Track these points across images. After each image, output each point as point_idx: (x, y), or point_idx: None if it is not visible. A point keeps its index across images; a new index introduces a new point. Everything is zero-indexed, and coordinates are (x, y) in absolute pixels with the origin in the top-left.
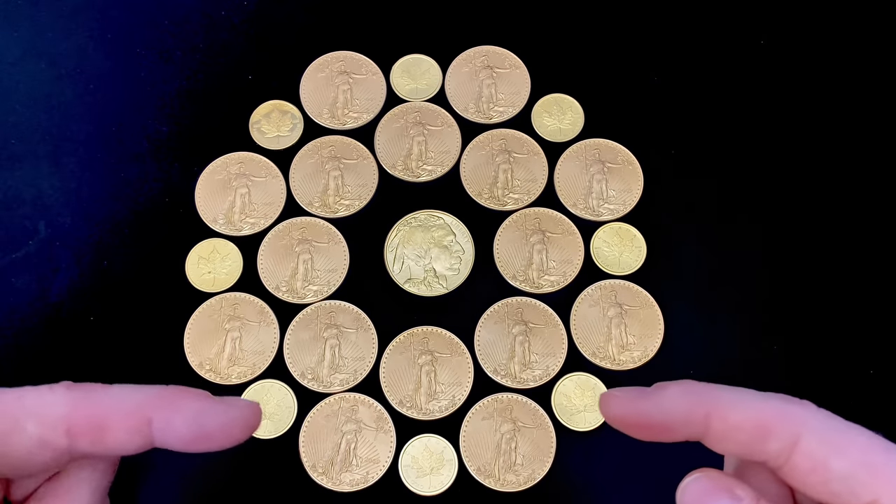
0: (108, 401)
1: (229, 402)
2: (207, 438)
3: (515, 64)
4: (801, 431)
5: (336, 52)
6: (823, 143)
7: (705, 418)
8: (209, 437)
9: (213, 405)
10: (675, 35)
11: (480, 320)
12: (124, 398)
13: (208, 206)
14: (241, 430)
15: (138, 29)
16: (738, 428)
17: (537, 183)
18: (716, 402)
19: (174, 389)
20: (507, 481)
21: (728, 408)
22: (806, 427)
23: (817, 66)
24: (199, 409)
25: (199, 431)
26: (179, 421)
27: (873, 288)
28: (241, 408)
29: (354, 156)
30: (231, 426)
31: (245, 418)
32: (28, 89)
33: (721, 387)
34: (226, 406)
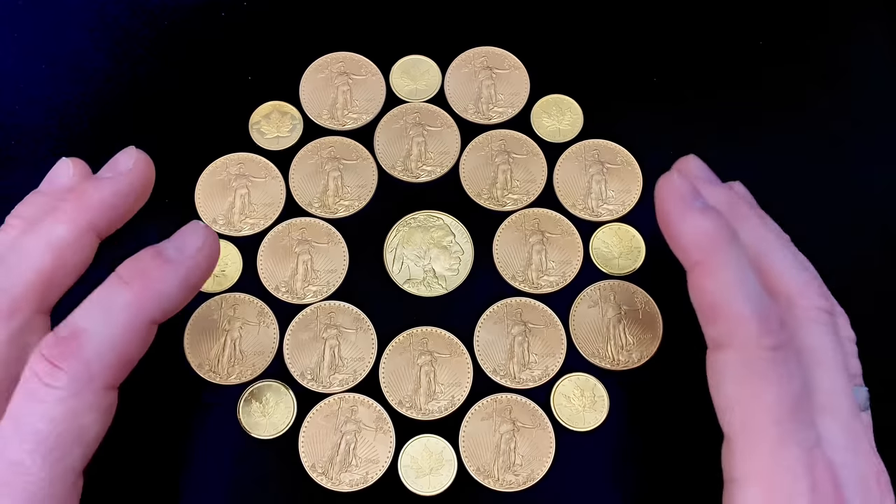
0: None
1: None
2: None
3: (515, 65)
4: (729, 364)
5: (336, 53)
6: (823, 142)
7: (689, 267)
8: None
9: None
10: (675, 35)
11: (480, 321)
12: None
13: (208, 206)
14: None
15: (138, 29)
16: (695, 293)
17: (536, 183)
18: (714, 265)
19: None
20: (506, 481)
21: (712, 276)
22: (733, 361)
23: (817, 66)
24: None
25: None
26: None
27: (874, 289)
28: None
29: (354, 156)
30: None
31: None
32: (28, 89)
33: (731, 261)
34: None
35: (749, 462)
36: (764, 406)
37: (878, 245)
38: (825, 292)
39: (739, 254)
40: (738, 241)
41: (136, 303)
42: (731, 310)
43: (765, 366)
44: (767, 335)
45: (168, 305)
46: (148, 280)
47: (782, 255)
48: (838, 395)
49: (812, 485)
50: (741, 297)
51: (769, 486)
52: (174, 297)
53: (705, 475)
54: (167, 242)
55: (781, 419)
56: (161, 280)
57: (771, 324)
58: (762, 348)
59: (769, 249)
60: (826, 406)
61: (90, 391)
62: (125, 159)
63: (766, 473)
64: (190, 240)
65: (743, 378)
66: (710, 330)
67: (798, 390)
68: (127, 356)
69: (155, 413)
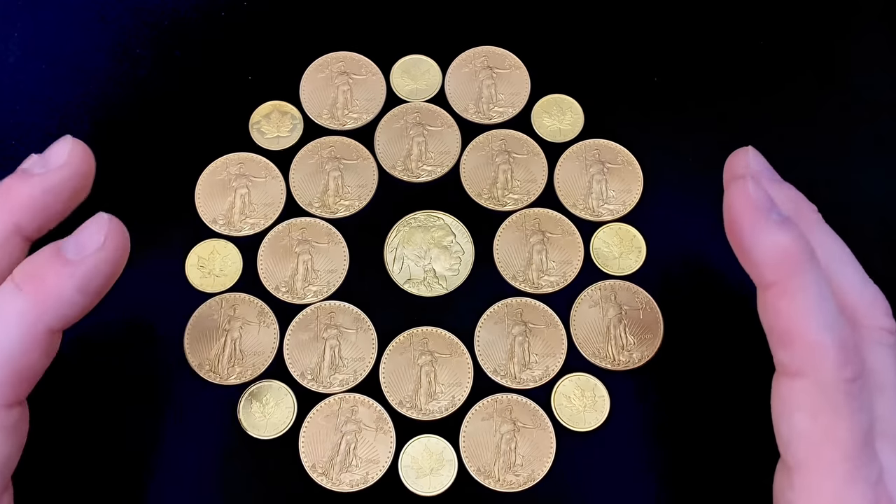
0: None
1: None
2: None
3: (515, 64)
4: (802, 393)
5: (336, 53)
6: (823, 142)
7: (763, 286)
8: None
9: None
10: (675, 35)
11: (480, 321)
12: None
13: (208, 206)
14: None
15: (138, 29)
16: (768, 315)
17: (537, 183)
18: (788, 295)
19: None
20: (506, 481)
21: (787, 302)
22: (807, 392)
23: (817, 66)
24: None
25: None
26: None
27: None
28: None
29: (354, 156)
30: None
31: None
32: (28, 89)
33: (811, 290)
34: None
35: (812, 498)
36: (836, 441)
37: (878, 245)
38: (889, 311)
39: (819, 275)
40: (817, 259)
41: (32, 310)
42: (810, 337)
43: (841, 399)
44: (846, 366)
45: (68, 311)
46: (43, 285)
47: (850, 269)
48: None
49: None
50: (821, 324)
51: None
52: (74, 303)
53: (706, 475)
54: (69, 239)
55: (851, 455)
56: (58, 284)
57: (850, 354)
58: (840, 380)
59: (835, 262)
60: (884, 432)
61: None
62: (58, 152)
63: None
64: (90, 238)
65: (816, 410)
66: (782, 355)
67: (868, 421)
68: (25, 369)
69: (155, 413)
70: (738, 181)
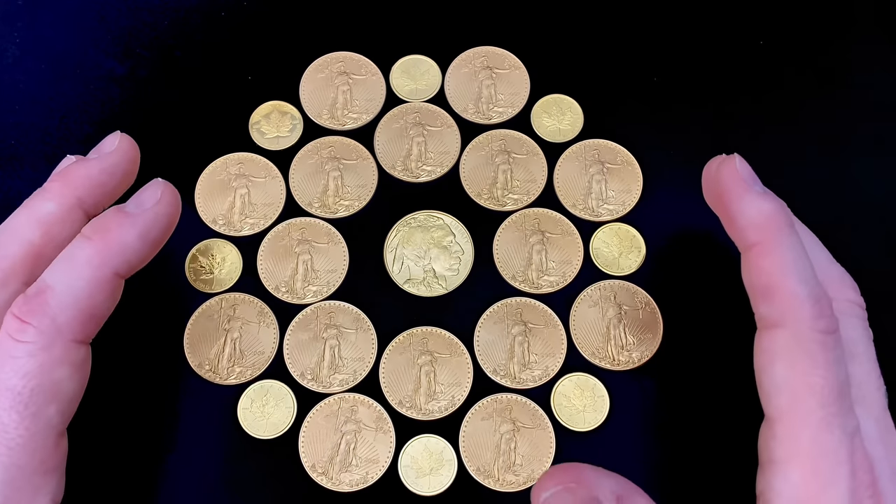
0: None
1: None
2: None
3: (515, 65)
4: (780, 342)
5: (336, 53)
6: (823, 142)
7: (747, 247)
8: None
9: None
10: (675, 35)
11: (480, 321)
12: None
13: (208, 206)
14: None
15: (138, 29)
16: (751, 273)
17: (537, 183)
18: (770, 250)
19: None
20: (506, 481)
21: (767, 258)
22: (785, 341)
23: (817, 66)
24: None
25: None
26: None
27: (874, 289)
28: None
29: (354, 156)
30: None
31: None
32: (28, 89)
33: (787, 244)
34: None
35: (792, 444)
36: (812, 388)
37: (878, 245)
38: (856, 287)
39: (797, 239)
40: (795, 226)
41: (98, 256)
42: (788, 289)
43: (816, 348)
44: (821, 318)
45: (130, 257)
46: (108, 234)
47: (818, 251)
48: (871, 388)
49: (852, 470)
50: (798, 277)
51: (811, 469)
52: (136, 249)
53: (706, 474)
54: (129, 200)
55: (827, 402)
56: (121, 233)
57: (824, 307)
58: (815, 330)
59: (806, 244)
60: (859, 398)
61: (59, 344)
62: (110, 141)
63: (808, 456)
64: (148, 194)
65: (793, 358)
66: (763, 309)
67: (843, 376)
68: (93, 309)
69: (155, 413)
70: (726, 160)
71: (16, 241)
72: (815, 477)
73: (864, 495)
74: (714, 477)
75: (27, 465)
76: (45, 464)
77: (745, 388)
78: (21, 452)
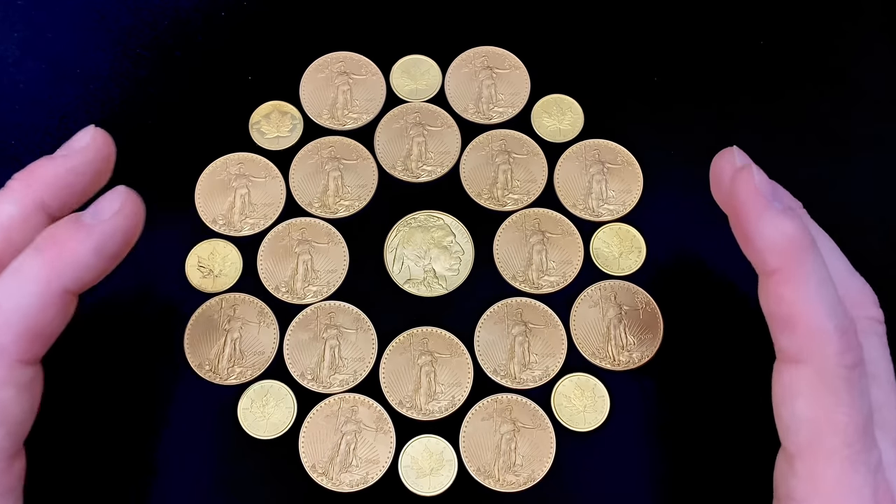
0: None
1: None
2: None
3: (515, 64)
4: (803, 379)
5: (336, 53)
6: (823, 142)
7: (766, 272)
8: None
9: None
10: (675, 35)
11: (480, 321)
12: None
13: (208, 206)
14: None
15: (138, 29)
16: (770, 301)
17: (537, 183)
18: (790, 274)
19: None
20: (506, 481)
21: (788, 285)
22: (808, 378)
23: (817, 66)
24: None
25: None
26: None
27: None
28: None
29: (354, 156)
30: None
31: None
32: (28, 89)
33: (810, 274)
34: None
35: (814, 484)
36: (836, 426)
37: (878, 245)
38: (877, 300)
39: (821, 263)
40: (818, 248)
41: (48, 271)
42: (813, 323)
43: (842, 385)
44: (847, 353)
45: (84, 273)
46: (60, 247)
47: (838, 262)
48: (891, 411)
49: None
50: (824, 310)
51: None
52: (90, 265)
53: (706, 475)
54: (87, 209)
55: (852, 441)
56: (74, 246)
57: (850, 341)
58: (841, 366)
59: (825, 254)
60: (879, 421)
61: (3, 365)
62: (82, 136)
63: (831, 496)
64: (106, 204)
65: (818, 396)
66: (784, 342)
67: (867, 409)
68: (41, 328)
69: (155, 413)
70: (742, 171)
71: None
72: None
73: None
74: (714, 477)
75: None
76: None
77: (745, 387)
78: None
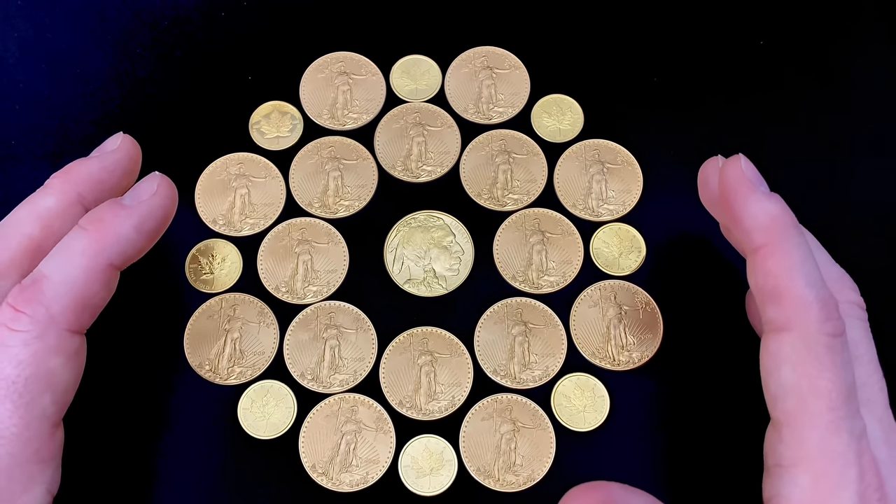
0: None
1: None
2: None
3: (515, 65)
4: (788, 346)
5: (336, 53)
6: (823, 142)
7: (753, 249)
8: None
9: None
10: (675, 35)
11: (480, 321)
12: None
13: (208, 206)
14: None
15: (138, 29)
16: (758, 276)
17: (537, 183)
18: (776, 251)
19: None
20: (506, 481)
21: (774, 258)
22: (793, 345)
23: (817, 66)
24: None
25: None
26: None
27: (874, 289)
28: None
29: (354, 156)
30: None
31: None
32: (28, 89)
33: (795, 250)
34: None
35: (800, 448)
36: (820, 391)
37: (878, 245)
38: (856, 287)
39: (803, 240)
40: (800, 227)
41: (93, 246)
42: (795, 292)
43: (824, 351)
44: (828, 321)
45: (126, 248)
46: (103, 224)
47: (817, 251)
48: (874, 389)
49: (860, 473)
50: (806, 280)
51: (819, 473)
52: (131, 240)
53: (706, 475)
54: (127, 193)
55: (836, 406)
56: (116, 224)
57: (831, 310)
58: (823, 333)
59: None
60: (863, 399)
61: (53, 333)
62: (112, 141)
63: (816, 459)
64: (144, 187)
65: (802, 362)
66: (771, 312)
67: (851, 379)
68: (88, 299)
69: (155, 413)
70: (731, 160)
71: (16, 235)
72: (824, 480)
73: (872, 497)
74: (714, 477)
75: (21, 454)
76: (40, 453)
77: (746, 387)
78: (15, 442)
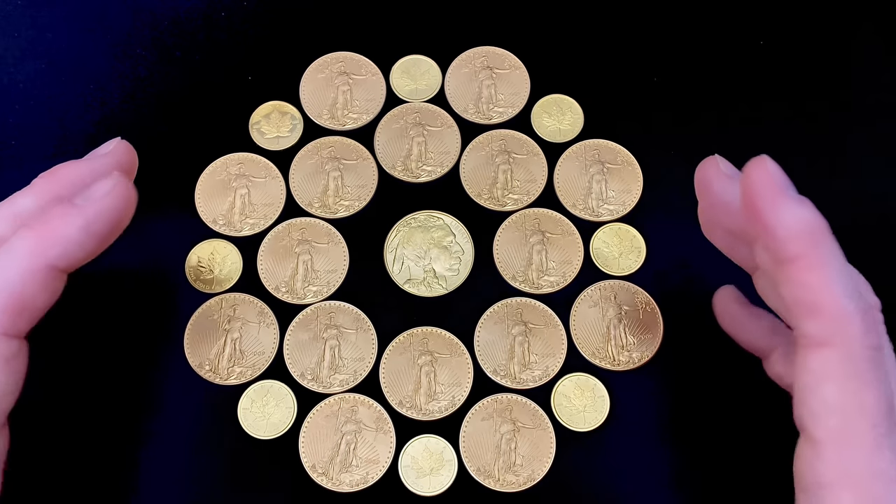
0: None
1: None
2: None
3: (515, 65)
4: (830, 363)
5: (336, 53)
6: (823, 142)
7: (787, 259)
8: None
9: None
10: (675, 35)
11: (480, 321)
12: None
13: (208, 206)
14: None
15: (138, 29)
16: (793, 289)
17: (537, 183)
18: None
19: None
20: (506, 481)
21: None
22: (835, 361)
23: (817, 66)
24: (73, 223)
25: (93, 229)
26: (72, 238)
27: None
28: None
29: (354, 156)
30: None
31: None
32: (28, 89)
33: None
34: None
35: (843, 467)
36: (864, 408)
37: (879, 245)
38: (870, 287)
39: (837, 247)
40: (832, 233)
41: (35, 247)
42: (838, 306)
43: (867, 367)
44: (870, 334)
45: (70, 250)
46: (49, 224)
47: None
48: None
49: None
50: (846, 293)
51: (864, 492)
52: (77, 242)
53: (705, 475)
54: (80, 192)
55: (878, 423)
56: (61, 224)
57: (870, 322)
58: (866, 347)
59: None
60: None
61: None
62: (106, 145)
63: (861, 478)
64: (98, 186)
65: (845, 379)
66: (809, 327)
67: (890, 392)
68: (25, 302)
69: (155, 413)
70: (757, 161)
71: None
72: (868, 499)
73: None
74: (714, 476)
75: None
76: None
77: (746, 387)
78: None
